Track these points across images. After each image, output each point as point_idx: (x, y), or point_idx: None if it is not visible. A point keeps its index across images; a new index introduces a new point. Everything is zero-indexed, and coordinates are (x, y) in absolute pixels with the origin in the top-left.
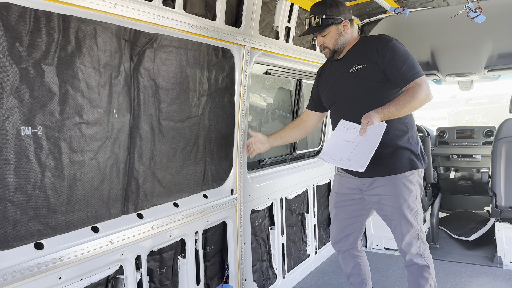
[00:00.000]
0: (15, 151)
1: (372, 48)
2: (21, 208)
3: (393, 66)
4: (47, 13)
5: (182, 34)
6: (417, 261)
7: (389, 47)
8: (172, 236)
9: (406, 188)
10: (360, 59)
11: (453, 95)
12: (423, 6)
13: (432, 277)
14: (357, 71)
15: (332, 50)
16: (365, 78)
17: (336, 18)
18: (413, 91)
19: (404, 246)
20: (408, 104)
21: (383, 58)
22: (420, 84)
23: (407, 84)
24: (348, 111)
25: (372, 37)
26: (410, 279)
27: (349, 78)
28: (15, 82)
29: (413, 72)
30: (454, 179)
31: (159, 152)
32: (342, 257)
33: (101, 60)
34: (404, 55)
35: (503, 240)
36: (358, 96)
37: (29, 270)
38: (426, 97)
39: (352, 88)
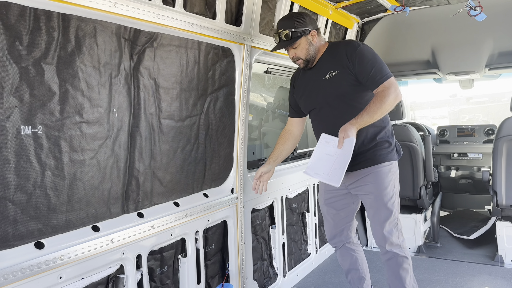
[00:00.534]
0: (15, 151)
1: (342, 54)
2: (22, 207)
3: (362, 71)
4: (47, 12)
5: (182, 33)
6: (397, 251)
7: (357, 52)
8: (172, 235)
9: (386, 176)
10: (332, 65)
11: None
12: (424, 5)
13: (411, 269)
14: (331, 77)
15: (305, 60)
16: (340, 84)
17: (304, 29)
18: (382, 96)
19: (385, 233)
20: (379, 109)
21: (353, 63)
22: (388, 87)
23: (376, 87)
24: (327, 116)
25: (341, 43)
26: (390, 272)
27: (325, 84)
28: (15, 81)
29: (381, 75)
30: (455, 177)
31: (160, 151)
32: (340, 253)
33: (101, 59)
34: (372, 59)
35: (504, 238)
36: (335, 101)
37: (30, 269)
38: (395, 98)
39: (329, 94)
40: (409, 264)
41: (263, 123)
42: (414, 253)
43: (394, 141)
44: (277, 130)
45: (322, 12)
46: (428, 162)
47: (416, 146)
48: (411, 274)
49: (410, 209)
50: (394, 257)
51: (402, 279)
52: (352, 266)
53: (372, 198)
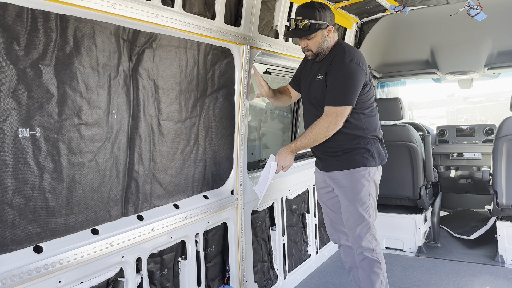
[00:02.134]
0: (13, 153)
1: (330, 60)
2: (20, 211)
3: (329, 83)
4: (44, 13)
5: (181, 34)
6: (368, 255)
7: (339, 65)
8: (172, 238)
9: (359, 182)
10: (323, 69)
11: (452, 93)
12: (423, 4)
13: (383, 273)
14: (318, 80)
15: (315, 53)
16: (320, 89)
17: (323, 23)
18: (315, 126)
19: (355, 238)
20: (313, 140)
21: (328, 72)
22: (328, 114)
23: (326, 105)
24: (307, 113)
25: (339, 49)
26: (362, 275)
27: (315, 84)
28: (12, 83)
29: (332, 97)
30: (455, 177)
31: (159, 153)
32: (342, 250)
33: (100, 60)
34: (342, 79)
35: (504, 238)
36: (313, 102)
37: (28, 274)
38: (327, 128)
39: (312, 94)
40: (380, 269)
41: (262, 124)
42: (414, 254)
43: (376, 148)
44: (276, 131)
45: None
46: (428, 162)
47: (416, 146)
48: (382, 279)
49: (410, 210)
50: (366, 259)
51: (372, 282)
52: (354, 264)
53: (346, 203)
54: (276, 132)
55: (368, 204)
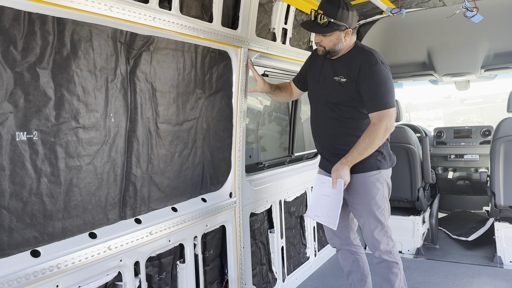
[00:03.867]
0: (10, 157)
1: (357, 65)
2: (17, 215)
3: (365, 90)
4: (41, 16)
5: (179, 37)
6: (387, 257)
7: (371, 69)
8: (170, 241)
9: (374, 186)
10: (345, 71)
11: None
12: (419, 6)
13: (401, 272)
14: (341, 83)
15: (327, 51)
16: (345, 93)
17: (342, 24)
18: (371, 132)
19: (374, 242)
20: (370, 146)
21: (359, 78)
22: (381, 119)
23: (371, 112)
24: (322, 116)
25: (362, 53)
26: (380, 276)
27: (332, 85)
28: (9, 87)
29: (378, 103)
30: (452, 179)
31: (157, 156)
32: (341, 254)
33: (97, 63)
34: (380, 82)
35: (502, 239)
36: (333, 105)
37: (26, 278)
38: (385, 132)
39: (331, 96)
40: (399, 269)
41: (259, 127)
42: (413, 256)
43: (386, 150)
44: (274, 133)
45: None
46: (426, 164)
47: (414, 148)
48: (401, 278)
49: (408, 211)
50: (384, 262)
51: (391, 282)
52: (352, 268)
53: (361, 208)
54: (274, 134)
55: (383, 207)
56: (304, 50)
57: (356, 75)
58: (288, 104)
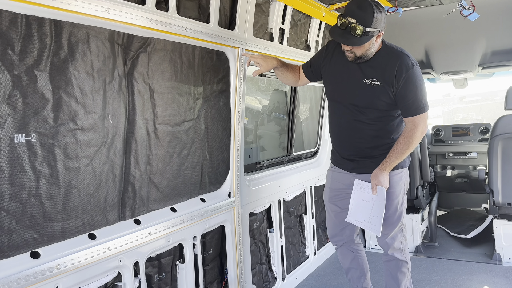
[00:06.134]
0: (9, 159)
1: (393, 68)
2: (16, 216)
3: (403, 95)
4: (38, 19)
5: (176, 38)
6: (398, 256)
7: (408, 74)
8: (170, 242)
9: (398, 184)
10: (379, 74)
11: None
12: (416, 5)
13: (409, 272)
14: (373, 86)
15: (358, 57)
16: (378, 97)
17: (377, 30)
18: (408, 137)
19: (389, 239)
20: (406, 150)
21: (398, 83)
22: (418, 123)
23: (408, 116)
24: (348, 118)
25: (395, 55)
26: (387, 274)
27: (363, 88)
28: (7, 89)
29: (416, 108)
30: (451, 177)
31: (155, 157)
32: (340, 251)
33: (95, 65)
34: (417, 87)
35: (501, 237)
36: (364, 109)
37: (26, 279)
38: (421, 136)
39: (362, 100)
40: (407, 268)
41: (258, 126)
42: (412, 253)
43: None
44: (272, 133)
45: (316, 14)
46: (424, 162)
47: None
48: (408, 278)
49: (407, 209)
50: (394, 260)
51: (398, 281)
52: (352, 265)
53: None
54: (273, 134)
55: (403, 205)
56: (302, 50)
57: (393, 79)
58: (287, 103)
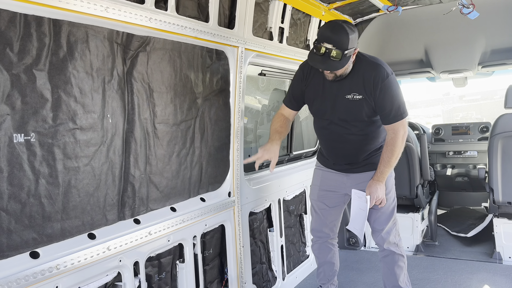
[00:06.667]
0: (8, 159)
1: (369, 80)
2: (16, 216)
3: (381, 105)
4: (37, 18)
5: (175, 37)
6: (394, 249)
7: (384, 84)
8: (170, 241)
9: (389, 181)
10: (359, 88)
11: (447, 92)
12: (416, 4)
13: (406, 266)
14: (356, 100)
15: (338, 76)
16: (362, 110)
17: (353, 49)
18: (391, 145)
19: (385, 234)
20: (392, 158)
21: (375, 93)
22: (397, 130)
23: (387, 124)
24: (338, 133)
25: (371, 67)
26: (385, 270)
27: (347, 104)
28: (6, 89)
29: (394, 115)
30: (451, 176)
31: (155, 156)
32: (319, 246)
33: (94, 64)
34: (393, 96)
35: (501, 235)
36: (352, 122)
37: (25, 279)
38: (402, 140)
39: (348, 115)
40: (404, 262)
41: (258, 126)
42: (412, 252)
43: None
44: None
45: (315, 13)
46: (424, 161)
47: (412, 145)
48: (405, 272)
49: (407, 208)
50: (391, 255)
51: (396, 275)
52: (329, 260)
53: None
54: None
55: (395, 200)
56: (301, 49)
57: (371, 90)
58: None
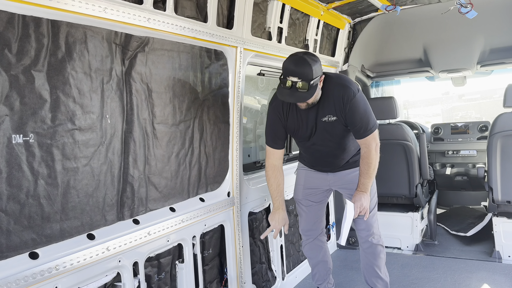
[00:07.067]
0: (7, 160)
1: (338, 100)
2: (15, 217)
3: (351, 122)
4: (35, 19)
5: (174, 37)
6: (375, 241)
7: (351, 103)
8: (169, 241)
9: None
10: (331, 110)
11: (446, 91)
12: (414, 3)
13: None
14: (331, 121)
15: (311, 104)
16: (338, 129)
17: (319, 77)
18: (366, 158)
19: (368, 226)
20: (370, 169)
21: (345, 112)
22: (369, 143)
23: (359, 139)
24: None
25: (338, 88)
26: (366, 260)
27: (324, 126)
28: (4, 90)
29: (365, 130)
30: (450, 175)
31: (154, 157)
32: (310, 246)
33: (92, 65)
34: (362, 112)
35: (501, 234)
36: (332, 141)
37: (25, 280)
38: (376, 151)
39: (327, 135)
40: (384, 254)
41: (257, 126)
42: (412, 252)
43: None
44: None
45: (314, 13)
46: (423, 160)
47: (411, 145)
48: (384, 265)
49: (406, 208)
50: (373, 246)
51: (378, 267)
52: (321, 258)
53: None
54: None
55: (374, 194)
56: (300, 49)
57: (342, 110)
58: None
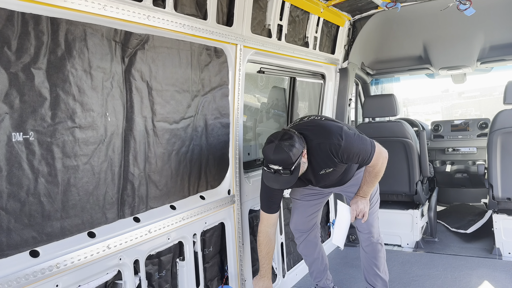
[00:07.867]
0: (7, 158)
1: (329, 155)
2: (15, 215)
3: (352, 161)
4: (35, 16)
5: (174, 34)
6: (374, 240)
7: (343, 150)
8: (170, 239)
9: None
10: (325, 164)
11: (446, 89)
12: (414, 0)
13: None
14: (329, 172)
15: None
16: (337, 172)
17: (300, 156)
18: (374, 171)
19: (368, 226)
20: (375, 180)
21: (342, 158)
22: (375, 164)
23: (367, 165)
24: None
25: (323, 143)
26: (367, 259)
27: (323, 176)
28: (4, 88)
29: (365, 158)
30: (450, 172)
31: (154, 155)
32: (305, 244)
33: (92, 62)
34: (355, 151)
35: (501, 231)
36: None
37: (25, 278)
38: (382, 164)
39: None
40: (384, 253)
41: (257, 124)
42: (412, 249)
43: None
44: (271, 130)
45: (314, 10)
46: (424, 158)
47: (411, 142)
48: (384, 263)
49: (407, 205)
50: (373, 244)
51: (378, 265)
52: (317, 255)
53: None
54: (272, 131)
55: (375, 193)
56: (300, 46)
57: (338, 158)
58: (286, 101)
